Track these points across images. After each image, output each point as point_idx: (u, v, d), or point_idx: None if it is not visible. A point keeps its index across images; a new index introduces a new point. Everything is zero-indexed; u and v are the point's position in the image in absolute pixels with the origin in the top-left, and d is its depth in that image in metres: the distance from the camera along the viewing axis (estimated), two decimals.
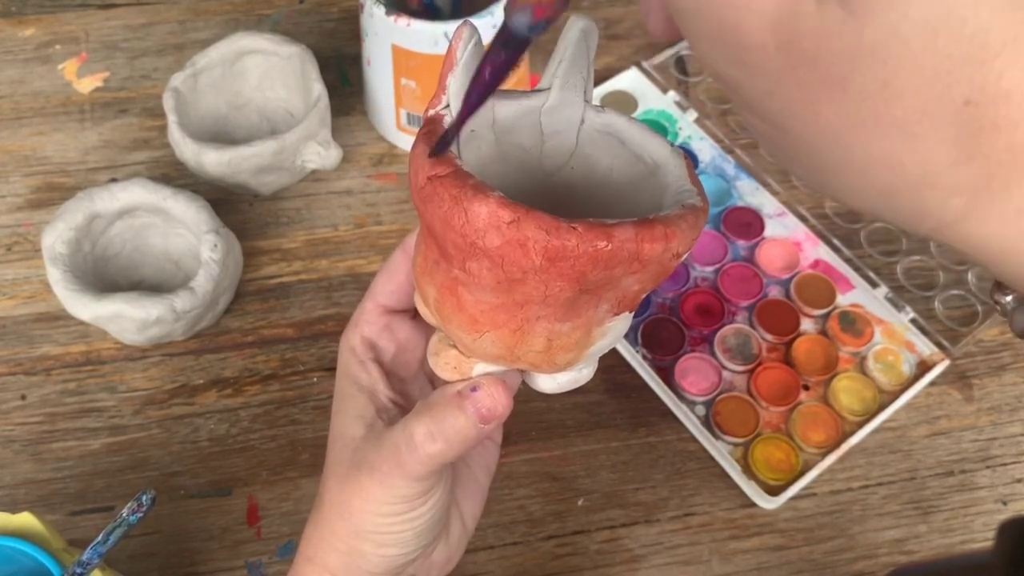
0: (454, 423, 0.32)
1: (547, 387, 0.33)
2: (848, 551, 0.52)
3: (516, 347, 0.31)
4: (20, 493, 0.53)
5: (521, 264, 0.27)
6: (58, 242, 0.54)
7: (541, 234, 0.27)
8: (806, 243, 0.61)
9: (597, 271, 0.28)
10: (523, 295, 0.29)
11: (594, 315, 0.30)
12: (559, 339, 0.30)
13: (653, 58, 0.69)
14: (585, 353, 0.32)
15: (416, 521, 0.35)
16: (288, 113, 0.65)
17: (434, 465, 0.33)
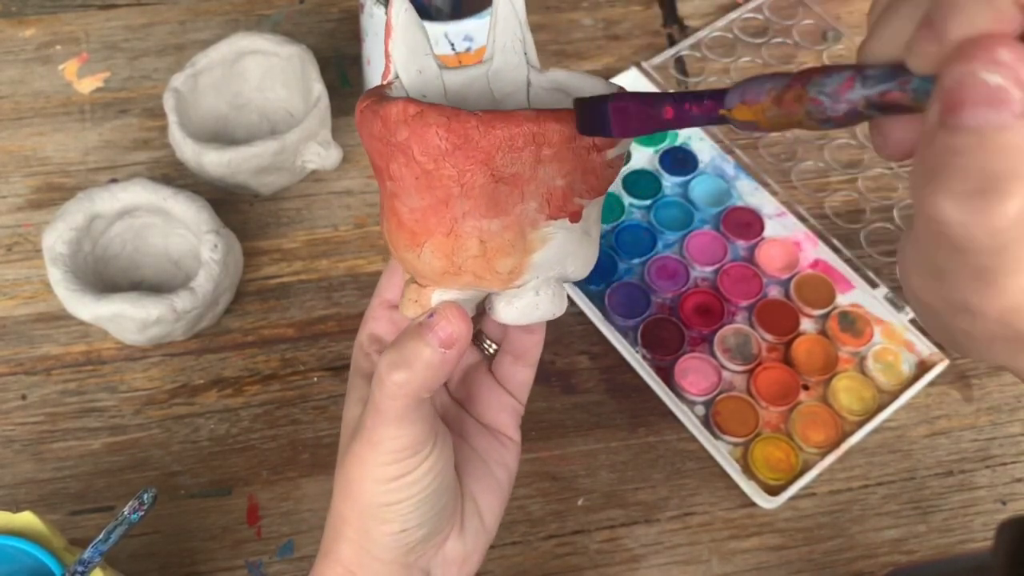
0: (414, 349, 0.32)
1: (507, 316, 0.33)
2: (848, 551, 0.52)
3: (454, 254, 0.31)
4: (21, 493, 0.53)
5: (429, 151, 0.29)
6: (59, 242, 0.54)
7: (443, 119, 0.29)
8: (806, 243, 0.61)
9: (502, 153, 0.29)
10: (443, 190, 0.30)
11: (523, 213, 0.31)
12: (491, 239, 0.31)
13: (653, 59, 0.69)
14: (528, 261, 0.32)
15: (413, 488, 0.34)
16: (288, 113, 0.65)
17: (404, 397, 0.32)
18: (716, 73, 0.69)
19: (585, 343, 0.58)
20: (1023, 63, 0.17)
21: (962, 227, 0.18)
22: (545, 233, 0.31)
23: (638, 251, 0.60)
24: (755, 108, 0.24)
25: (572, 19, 0.73)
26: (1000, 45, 0.17)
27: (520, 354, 0.40)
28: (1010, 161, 0.17)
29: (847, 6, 0.74)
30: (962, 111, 0.17)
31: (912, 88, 0.20)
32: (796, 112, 0.23)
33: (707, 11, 0.73)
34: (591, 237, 0.33)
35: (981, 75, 0.17)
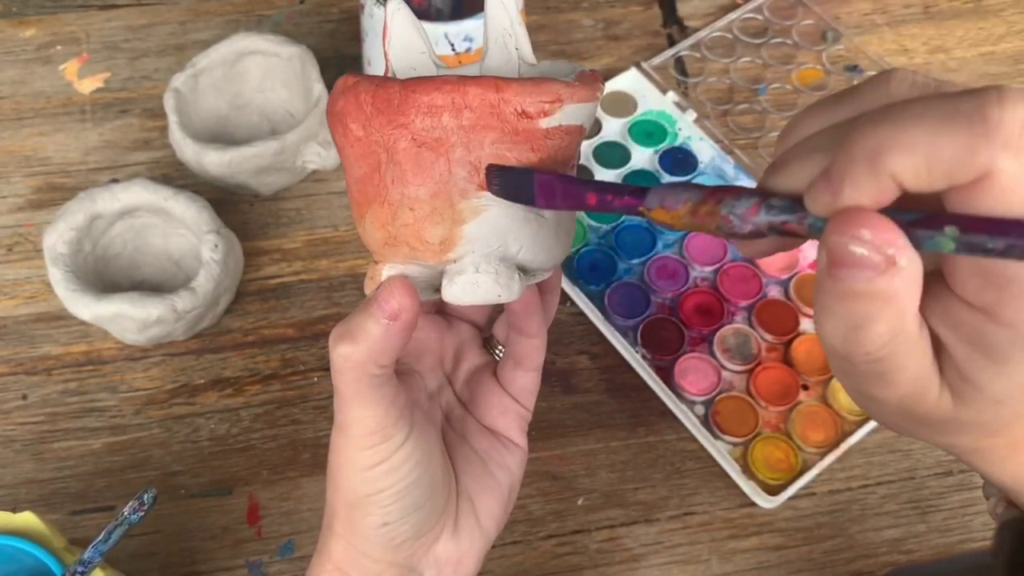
0: (359, 322, 0.32)
1: (448, 294, 0.32)
2: (847, 550, 0.52)
3: (389, 223, 0.31)
4: (21, 492, 0.53)
5: (359, 117, 0.30)
6: (59, 242, 0.54)
7: (371, 86, 0.30)
8: (806, 243, 0.61)
9: (422, 117, 0.29)
10: (373, 156, 0.31)
11: (451, 181, 0.30)
12: (419, 207, 0.31)
13: (652, 59, 0.69)
14: (459, 232, 0.31)
15: (391, 477, 0.34)
16: (288, 113, 0.65)
17: (352, 371, 0.32)
18: (716, 73, 0.69)
19: (585, 343, 0.58)
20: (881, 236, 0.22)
21: (847, 354, 0.24)
22: (477, 204, 0.31)
23: (638, 251, 0.60)
24: (672, 214, 0.27)
25: (572, 19, 0.73)
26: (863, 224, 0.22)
27: (519, 359, 0.39)
28: (873, 306, 0.23)
29: (846, 6, 0.74)
30: (839, 269, 0.23)
31: (808, 223, 0.25)
32: (707, 224, 0.27)
33: (707, 11, 0.73)
34: (546, 218, 0.32)
35: (849, 247, 0.22)
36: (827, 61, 0.70)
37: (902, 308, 0.23)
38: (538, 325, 0.38)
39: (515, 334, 0.38)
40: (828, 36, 0.71)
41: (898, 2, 0.74)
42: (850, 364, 0.25)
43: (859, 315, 0.23)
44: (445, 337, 0.40)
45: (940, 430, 0.27)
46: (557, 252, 0.34)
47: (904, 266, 0.22)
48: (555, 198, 0.30)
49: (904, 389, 0.25)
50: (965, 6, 0.74)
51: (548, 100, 0.30)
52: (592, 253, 0.61)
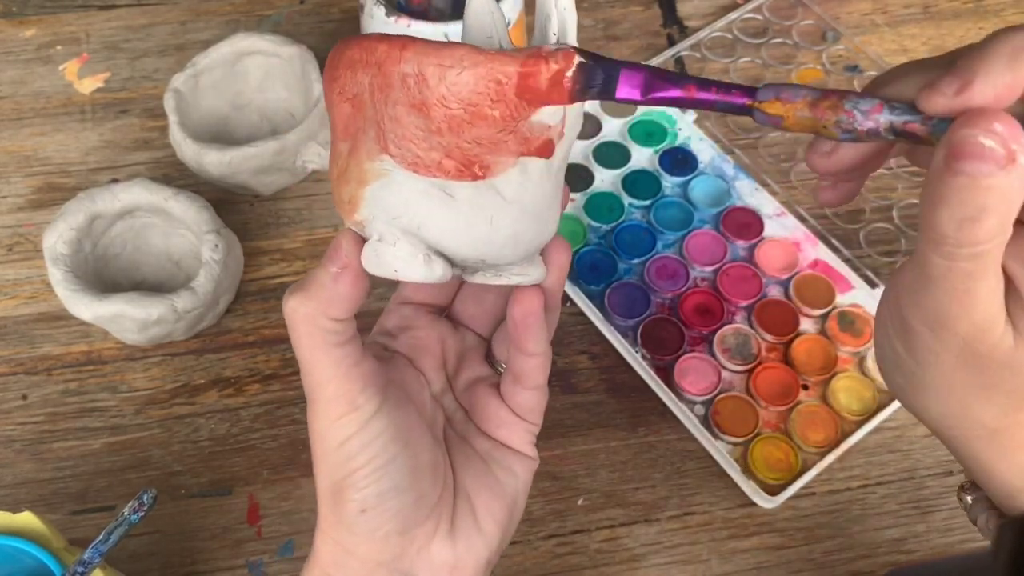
0: (310, 274, 0.32)
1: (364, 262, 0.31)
2: (847, 550, 0.52)
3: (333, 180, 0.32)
4: (21, 492, 0.53)
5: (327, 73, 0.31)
6: (59, 242, 0.54)
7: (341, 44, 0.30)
8: (805, 243, 0.61)
9: (347, 74, 0.30)
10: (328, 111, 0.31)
11: (363, 140, 0.30)
12: (340, 162, 0.31)
13: (652, 59, 0.69)
14: (361, 192, 0.30)
15: (363, 454, 0.32)
16: (289, 114, 0.65)
17: (304, 324, 0.31)
18: (716, 73, 0.69)
19: (585, 343, 0.58)
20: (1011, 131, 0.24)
21: (954, 239, 0.26)
22: (380, 167, 0.30)
23: (638, 251, 0.60)
24: (789, 106, 0.28)
25: None
26: (996, 119, 0.24)
27: (519, 375, 0.37)
28: (990, 197, 0.25)
29: (846, 6, 0.74)
30: (962, 160, 0.25)
31: (932, 124, 0.26)
32: (826, 118, 0.28)
33: (707, 11, 0.73)
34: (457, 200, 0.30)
35: (979, 138, 0.24)
36: (827, 61, 0.70)
37: (1012, 205, 0.25)
38: (535, 343, 0.35)
39: (515, 351, 0.37)
40: (828, 36, 0.71)
41: (898, 2, 0.74)
42: (949, 262, 0.26)
43: (976, 206, 0.25)
44: (448, 340, 0.39)
45: (988, 381, 0.29)
46: (480, 244, 0.31)
47: (1022, 163, 0.24)
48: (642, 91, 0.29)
49: (979, 311, 0.27)
50: (965, 6, 0.74)
51: (446, 64, 0.28)
52: (592, 253, 0.61)
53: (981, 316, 0.27)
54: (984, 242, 0.26)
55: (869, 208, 0.63)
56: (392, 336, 0.39)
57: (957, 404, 0.30)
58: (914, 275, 0.28)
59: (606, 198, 0.63)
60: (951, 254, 0.26)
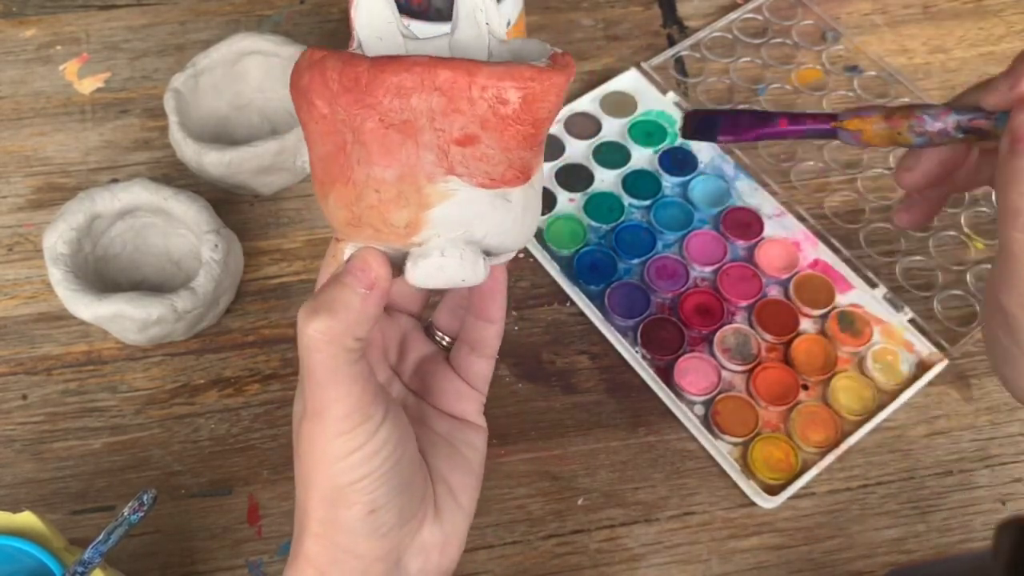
0: (332, 293, 0.31)
1: (412, 276, 0.31)
2: (847, 550, 0.52)
3: (354, 204, 0.31)
4: (21, 492, 0.53)
5: (324, 94, 0.29)
6: (59, 242, 0.54)
7: (339, 64, 0.29)
8: (805, 243, 0.61)
9: (391, 98, 0.29)
10: (339, 135, 0.30)
11: (419, 164, 0.30)
12: (386, 190, 0.30)
13: (652, 59, 0.69)
14: (424, 216, 0.30)
15: (373, 461, 0.32)
16: (289, 114, 0.65)
17: (329, 347, 0.30)
18: (716, 73, 0.69)
19: (585, 343, 0.58)
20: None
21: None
22: (444, 188, 0.30)
23: (638, 251, 0.60)
24: (867, 120, 0.33)
25: (572, 19, 0.73)
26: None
27: (476, 344, 0.39)
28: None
29: (846, 7, 0.74)
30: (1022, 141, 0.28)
31: (995, 119, 0.30)
32: (900, 125, 0.32)
33: (707, 12, 0.73)
34: (512, 203, 0.31)
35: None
36: (827, 61, 0.70)
37: None
38: (500, 310, 0.38)
39: (475, 319, 0.38)
40: (828, 36, 0.71)
41: (898, 2, 0.74)
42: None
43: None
44: (387, 329, 0.40)
45: None
46: (522, 235, 0.33)
47: None
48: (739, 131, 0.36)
49: None
50: (965, 6, 0.74)
51: (519, 85, 0.29)
52: (592, 253, 0.61)
53: None
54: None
55: (869, 208, 0.63)
56: None
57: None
58: (1003, 261, 0.30)
59: (606, 198, 0.63)
60: None
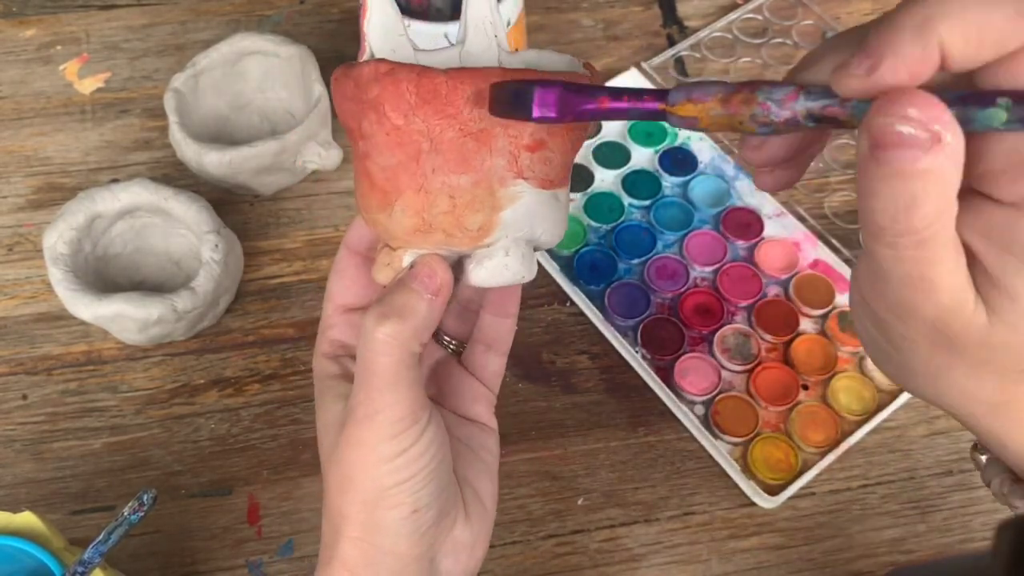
0: (401, 298, 0.32)
1: (477, 277, 0.33)
2: (847, 550, 0.52)
3: (425, 211, 0.32)
4: (21, 492, 0.53)
5: (399, 105, 0.30)
6: (59, 242, 0.54)
7: (413, 75, 0.30)
8: (805, 243, 0.61)
9: (470, 108, 0.30)
10: (413, 145, 0.31)
11: (492, 169, 0.31)
12: (461, 195, 0.31)
13: (652, 59, 0.69)
14: (496, 218, 0.32)
15: (419, 462, 0.33)
16: (289, 114, 0.65)
17: (397, 351, 0.31)
18: (716, 74, 0.69)
19: (585, 343, 0.58)
20: (928, 113, 0.22)
21: (891, 230, 0.24)
22: (514, 191, 0.32)
23: (638, 251, 0.60)
24: (700, 106, 0.27)
25: (572, 19, 0.73)
26: (909, 103, 0.22)
27: (492, 342, 0.40)
28: (921, 183, 0.23)
29: (847, 6, 0.74)
30: (885, 151, 0.23)
31: (851, 107, 0.24)
32: (741, 113, 0.26)
33: (707, 12, 0.73)
34: (560, 201, 0.34)
35: (896, 127, 0.22)
36: None
37: (948, 185, 0.23)
38: (516, 303, 0.39)
39: (492, 317, 0.39)
40: (828, 36, 0.71)
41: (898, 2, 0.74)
42: (895, 252, 0.25)
43: (907, 195, 0.23)
44: None
45: (971, 361, 0.27)
46: (564, 230, 0.35)
47: (949, 142, 0.22)
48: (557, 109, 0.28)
49: (943, 295, 0.25)
50: None
51: None
52: (592, 253, 0.61)
53: (946, 299, 0.25)
54: (923, 229, 0.24)
55: None
56: (348, 347, 0.39)
57: (947, 386, 0.28)
58: (868, 267, 0.27)
59: (606, 198, 0.63)
60: (894, 244, 0.24)
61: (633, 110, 0.28)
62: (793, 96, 0.25)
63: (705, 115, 0.26)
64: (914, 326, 0.27)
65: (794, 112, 0.25)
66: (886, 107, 0.23)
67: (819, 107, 0.25)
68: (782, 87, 0.25)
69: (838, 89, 0.24)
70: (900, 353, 0.28)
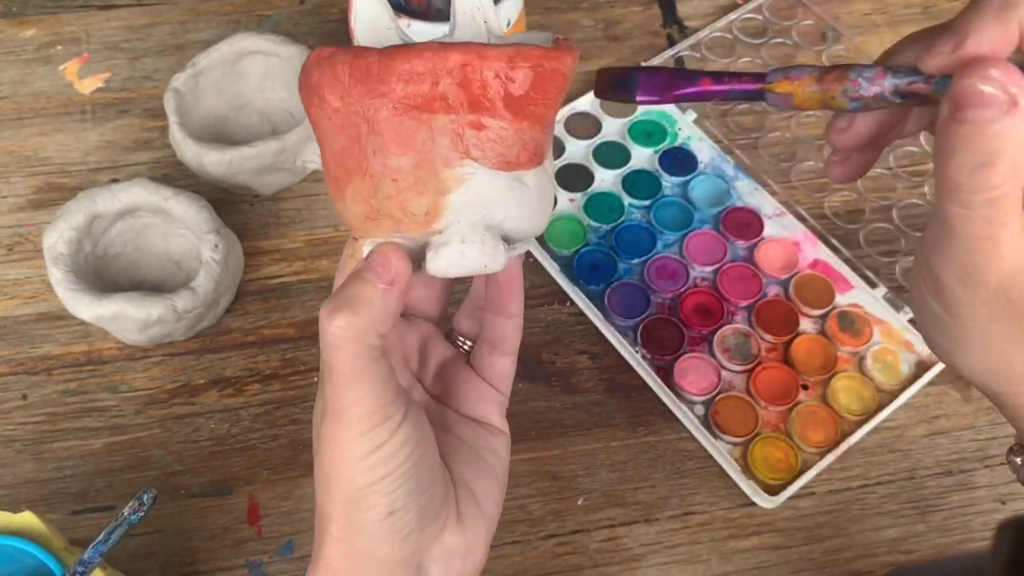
0: (353, 290, 0.31)
1: (434, 266, 0.31)
2: (847, 550, 0.52)
3: (371, 196, 0.31)
4: (22, 492, 0.53)
5: (336, 88, 0.30)
6: (59, 242, 0.54)
7: (348, 57, 0.29)
8: (805, 243, 0.61)
9: (402, 85, 0.29)
10: (353, 128, 0.30)
11: (435, 150, 0.30)
12: (403, 178, 0.30)
13: (652, 59, 0.69)
14: (443, 201, 0.30)
15: (392, 461, 0.32)
16: (289, 114, 0.65)
17: (351, 343, 0.30)
18: None
19: (585, 343, 0.58)
20: (1008, 76, 0.25)
21: (968, 186, 0.26)
22: (461, 172, 0.30)
23: (638, 251, 0.61)
24: (797, 83, 0.30)
25: (572, 19, 0.73)
26: (992, 66, 0.25)
27: (497, 342, 0.39)
28: (998, 142, 0.25)
29: (846, 7, 0.74)
30: (965, 110, 0.25)
31: (935, 82, 0.27)
32: (833, 89, 0.29)
33: (707, 12, 0.73)
34: (529, 186, 0.32)
35: (978, 86, 0.25)
36: (827, 61, 0.70)
37: (1021, 147, 0.25)
38: (519, 303, 0.38)
39: (494, 316, 0.38)
40: (828, 36, 0.71)
41: (898, 2, 0.74)
42: (967, 211, 0.27)
43: (985, 152, 0.25)
44: (406, 335, 0.40)
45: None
46: (540, 220, 0.33)
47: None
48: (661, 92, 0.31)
49: (1006, 258, 0.27)
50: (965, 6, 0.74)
51: (529, 64, 0.30)
52: (592, 253, 0.61)
53: (1009, 262, 0.27)
54: (998, 187, 0.26)
55: (869, 208, 0.63)
56: None
57: (998, 358, 0.30)
58: (938, 230, 0.28)
59: (606, 198, 0.63)
60: (968, 202, 0.26)
61: (733, 91, 0.31)
62: (882, 74, 0.28)
63: (800, 91, 0.29)
64: (976, 291, 0.28)
65: (882, 88, 0.28)
66: (970, 69, 0.25)
67: (905, 84, 0.28)
68: (872, 67, 0.28)
69: (924, 66, 0.27)
70: (957, 322, 0.30)
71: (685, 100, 0.32)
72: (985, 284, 0.28)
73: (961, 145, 0.25)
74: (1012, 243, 0.27)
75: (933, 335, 0.32)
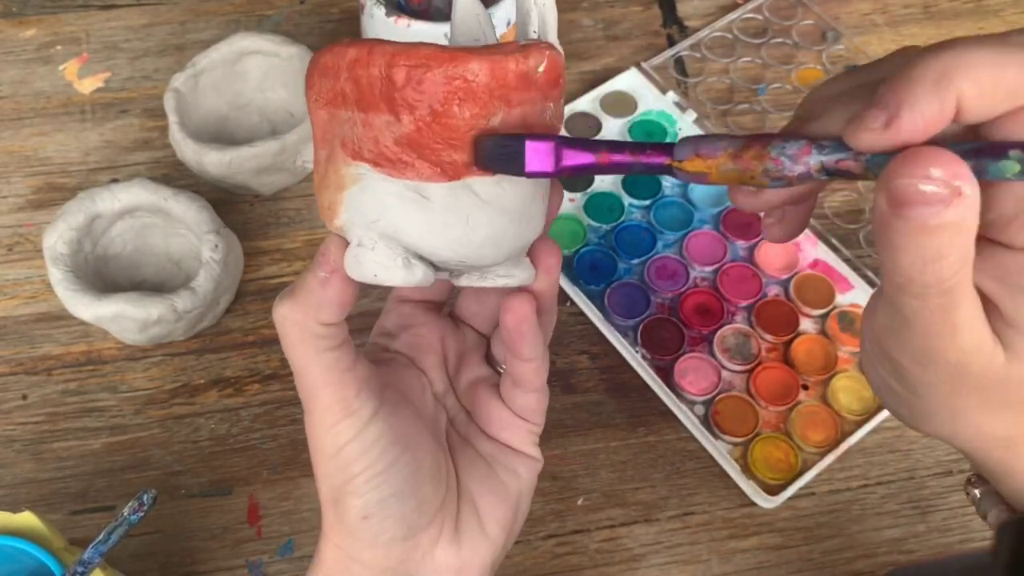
0: (298, 280, 0.32)
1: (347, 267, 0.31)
2: (847, 550, 0.52)
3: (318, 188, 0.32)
4: (21, 492, 0.53)
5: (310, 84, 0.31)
6: (59, 242, 0.54)
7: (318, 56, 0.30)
8: (805, 243, 0.61)
9: (322, 80, 0.30)
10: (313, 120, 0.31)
11: (335, 149, 0.30)
12: (319, 170, 0.31)
13: (652, 59, 0.69)
14: (339, 197, 0.30)
15: (361, 461, 0.32)
16: (289, 114, 0.65)
17: (294, 328, 0.31)
18: (716, 73, 0.69)
19: (585, 343, 0.58)
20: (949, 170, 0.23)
21: (920, 282, 0.25)
22: (356, 172, 0.30)
23: (638, 251, 0.61)
24: (710, 162, 0.26)
25: (572, 19, 0.73)
26: (932, 163, 0.23)
27: (517, 379, 0.37)
28: (945, 236, 0.24)
29: (846, 6, 0.74)
30: (907, 208, 0.23)
31: (866, 160, 0.24)
32: (753, 168, 0.26)
33: (707, 11, 0.73)
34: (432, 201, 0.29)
35: (919, 186, 0.23)
36: (827, 61, 0.70)
37: (969, 234, 0.24)
38: (530, 348, 0.35)
39: (510, 355, 0.36)
40: (828, 36, 0.71)
41: (898, 2, 0.74)
42: (922, 302, 0.25)
43: (933, 248, 0.24)
44: (448, 338, 0.39)
45: (989, 399, 0.28)
46: (455, 244, 0.30)
47: (969, 194, 0.23)
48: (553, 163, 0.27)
49: (964, 338, 0.26)
50: (965, 6, 0.74)
51: (411, 64, 0.28)
52: (592, 253, 0.61)
53: (967, 342, 0.26)
54: (949, 278, 0.25)
55: (869, 208, 0.63)
56: (392, 336, 0.39)
57: (964, 424, 0.29)
58: (889, 316, 0.27)
59: (606, 198, 0.63)
60: (922, 294, 0.25)
61: (637, 164, 0.27)
62: (806, 151, 0.25)
63: (715, 170, 0.26)
64: (936, 371, 0.27)
65: (807, 166, 0.25)
66: (908, 168, 0.23)
67: (833, 161, 0.25)
68: (794, 141, 0.25)
69: (853, 143, 0.24)
70: (919, 398, 0.29)
71: (582, 173, 0.28)
72: (945, 364, 0.27)
73: (907, 243, 0.24)
74: (968, 322, 0.26)
75: (895, 407, 0.31)
